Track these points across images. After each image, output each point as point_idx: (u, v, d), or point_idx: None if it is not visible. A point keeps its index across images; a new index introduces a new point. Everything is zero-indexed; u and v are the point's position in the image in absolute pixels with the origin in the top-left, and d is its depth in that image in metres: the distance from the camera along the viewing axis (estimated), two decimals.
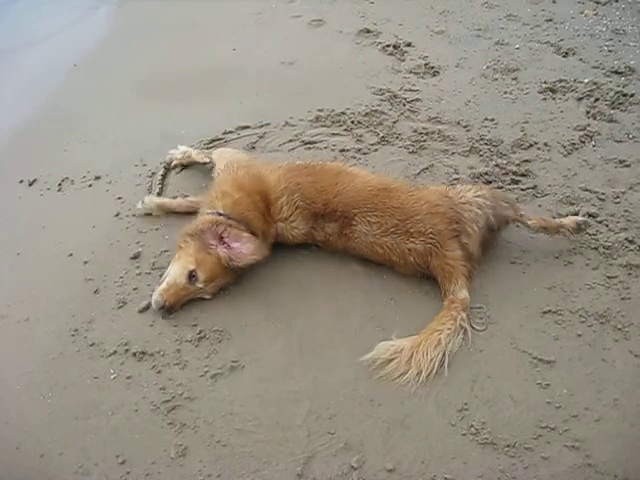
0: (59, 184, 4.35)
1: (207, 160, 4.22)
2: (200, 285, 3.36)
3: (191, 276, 3.33)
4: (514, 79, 5.35)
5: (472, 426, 2.82)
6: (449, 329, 3.17)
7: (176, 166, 4.40)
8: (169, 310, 3.32)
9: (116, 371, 3.12)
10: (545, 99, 5.08)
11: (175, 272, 3.36)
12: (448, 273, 3.38)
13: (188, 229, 3.47)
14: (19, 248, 3.84)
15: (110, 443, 2.83)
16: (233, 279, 3.50)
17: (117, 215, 4.02)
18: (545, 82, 5.24)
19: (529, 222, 3.59)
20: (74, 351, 3.22)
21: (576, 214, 3.85)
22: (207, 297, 3.43)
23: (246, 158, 4.02)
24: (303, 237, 3.64)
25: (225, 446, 2.80)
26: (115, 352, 3.19)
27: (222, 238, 3.37)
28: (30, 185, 4.38)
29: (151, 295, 3.38)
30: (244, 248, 3.32)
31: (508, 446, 2.74)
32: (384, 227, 3.44)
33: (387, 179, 3.76)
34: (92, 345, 3.23)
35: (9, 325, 3.39)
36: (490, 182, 4.12)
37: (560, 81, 5.23)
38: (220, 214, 3.47)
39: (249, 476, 2.69)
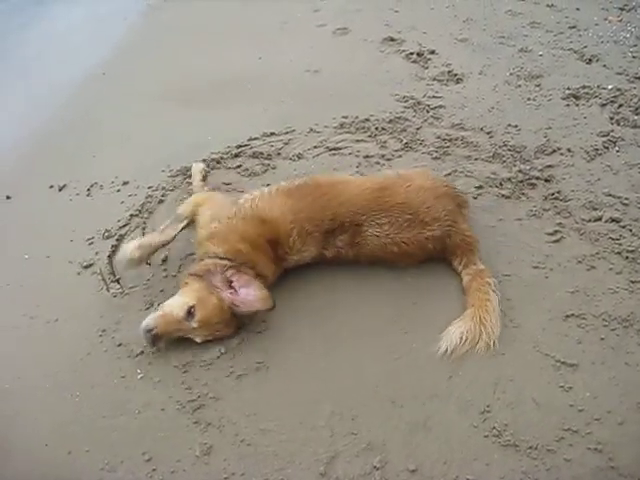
0: (88, 189, 4.43)
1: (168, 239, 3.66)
2: (194, 325, 3.13)
3: (189, 312, 3.12)
4: (537, 86, 5.35)
5: (494, 428, 2.83)
6: (493, 295, 3.36)
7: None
8: (155, 339, 3.10)
9: (143, 371, 3.17)
10: (568, 105, 5.07)
11: (174, 303, 3.18)
12: (468, 244, 3.57)
13: (193, 270, 3.32)
14: (48, 251, 3.92)
15: (136, 441, 2.88)
16: (230, 331, 3.28)
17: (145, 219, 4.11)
18: (569, 88, 5.23)
19: None
20: (102, 351, 3.28)
21: (599, 219, 3.87)
22: (197, 340, 3.21)
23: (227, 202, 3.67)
24: (313, 260, 3.58)
25: (249, 445, 2.84)
26: (142, 352, 3.25)
27: (230, 282, 3.22)
28: (60, 190, 4.46)
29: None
30: (252, 295, 3.16)
31: (530, 448, 2.75)
32: (396, 225, 3.46)
33: (377, 177, 3.78)
34: (119, 345, 3.29)
35: (38, 326, 3.47)
36: (515, 187, 4.15)
37: (584, 87, 5.22)
38: (223, 258, 3.32)
39: (272, 475, 2.72)
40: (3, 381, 3.19)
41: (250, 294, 3.17)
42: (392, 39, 6.22)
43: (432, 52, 5.94)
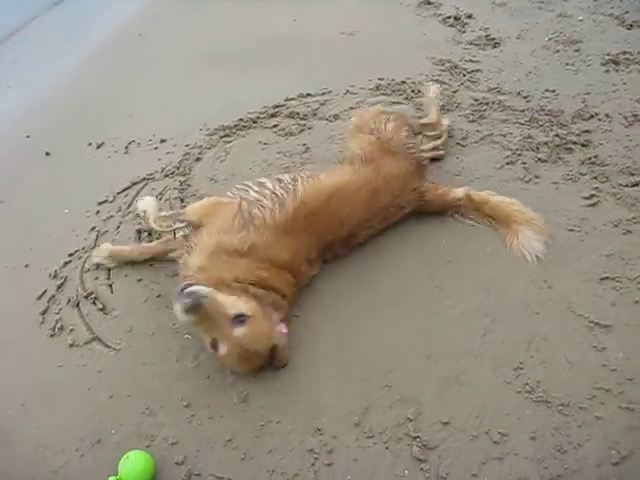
0: (126, 147, 4.50)
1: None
2: (237, 333, 2.77)
3: (239, 318, 2.79)
4: (576, 51, 5.28)
5: (527, 384, 2.86)
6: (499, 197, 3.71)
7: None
8: (195, 308, 2.66)
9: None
10: (608, 71, 5.01)
11: (229, 298, 2.84)
12: (437, 204, 3.74)
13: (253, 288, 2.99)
14: (88, 206, 4.00)
15: (175, 387, 2.97)
16: (248, 367, 2.97)
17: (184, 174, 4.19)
18: (608, 54, 5.16)
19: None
20: (141, 301, 3.37)
21: (636, 184, 3.85)
22: (224, 361, 2.90)
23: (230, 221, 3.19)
24: None
25: (285, 395, 2.91)
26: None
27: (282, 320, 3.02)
28: (98, 148, 4.54)
29: None
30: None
31: (562, 405, 2.78)
32: (383, 219, 3.57)
33: (356, 178, 3.49)
34: (159, 296, 3.38)
35: (78, 275, 3.57)
36: (551, 151, 4.14)
37: (624, 53, 5.16)
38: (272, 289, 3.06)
39: (308, 423, 2.79)
40: None
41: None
42: (429, 2, 6.20)
43: (469, 16, 5.91)
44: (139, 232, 3.77)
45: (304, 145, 4.32)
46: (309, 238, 3.25)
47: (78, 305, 3.39)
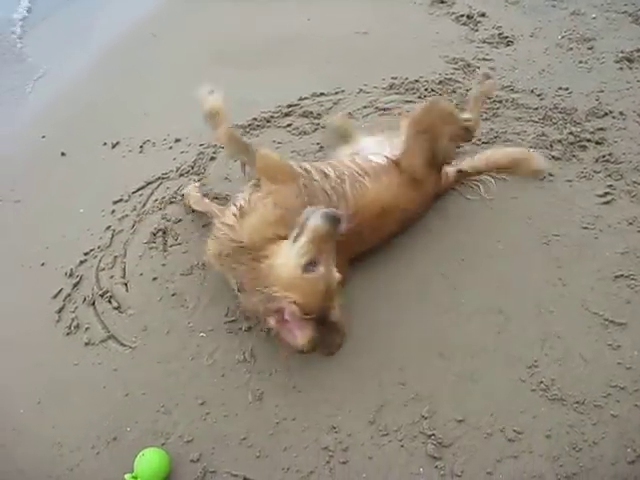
0: (140, 146, 4.50)
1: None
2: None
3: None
4: (590, 49, 5.25)
5: (542, 382, 2.88)
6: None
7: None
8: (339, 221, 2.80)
9: (195, 320, 3.28)
10: (622, 69, 4.97)
11: None
12: (448, 182, 3.83)
13: None
14: (104, 206, 4.00)
15: (190, 386, 3.00)
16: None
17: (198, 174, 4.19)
18: (622, 52, 5.12)
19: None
20: (156, 300, 3.39)
21: None
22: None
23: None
24: None
25: (300, 392, 2.94)
26: (195, 306, 3.35)
27: None
28: (113, 147, 4.53)
29: None
30: None
31: (577, 403, 2.79)
32: (400, 232, 3.57)
33: (394, 194, 3.40)
34: (174, 295, 3.40)
35: (92, 274, 3.58)
36: (565, 149, 4.12)
37: (638, 51, 5.10)
38: None
39: (323, 421, 2.82)
40: None
41: None
42: (442, 1, 6.13)
43: (482, 14, 5.85)
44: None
45: (318, 144, 4.32)
46: (350, 245, 3.19)
47: (94, 304, 3.41)
